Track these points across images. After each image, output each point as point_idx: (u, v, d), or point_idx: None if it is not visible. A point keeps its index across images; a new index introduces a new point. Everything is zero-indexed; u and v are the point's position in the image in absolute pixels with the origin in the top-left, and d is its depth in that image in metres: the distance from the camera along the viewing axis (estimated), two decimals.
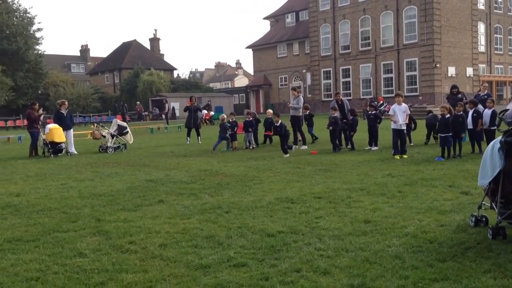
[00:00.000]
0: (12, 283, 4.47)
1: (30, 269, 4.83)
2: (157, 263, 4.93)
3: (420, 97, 39.32)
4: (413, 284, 4.16)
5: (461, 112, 12.75)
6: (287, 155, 14.00)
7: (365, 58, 43.92)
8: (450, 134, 12.18)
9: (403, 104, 13.14)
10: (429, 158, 12.44)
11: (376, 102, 36.70)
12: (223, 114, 18.60)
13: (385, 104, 35.28)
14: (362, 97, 42.95)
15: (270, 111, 19.35)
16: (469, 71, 41.70)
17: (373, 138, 15.18)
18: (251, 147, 17.07)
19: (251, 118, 17.56)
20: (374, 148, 14.95)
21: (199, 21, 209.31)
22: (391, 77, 42.27)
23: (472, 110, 13.23)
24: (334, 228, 6.04)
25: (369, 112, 16.00)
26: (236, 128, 17.33)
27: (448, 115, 12.39)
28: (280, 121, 15.66)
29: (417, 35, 40.15)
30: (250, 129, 17.21)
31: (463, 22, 40.96)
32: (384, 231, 5.83)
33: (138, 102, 51.66)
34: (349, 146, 15.29)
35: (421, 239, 5.43)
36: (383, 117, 16.83)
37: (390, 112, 13.25)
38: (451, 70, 40.30)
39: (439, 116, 12.82)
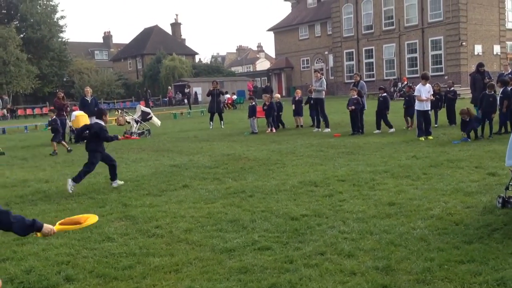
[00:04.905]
0: (44, 267, 4.61)
1: (60, 254, 4.97)
2: (183, 247, 5.02)
3: (446, 77, 38.49)
4: (438, 266, 4.14)
5: (492, 92, 12.61)
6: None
7: (388, 38, 43.13)
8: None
9: (428, 85, 12.96)
10: (455, 139, 12.24)
11: (400, 83, 36.19)
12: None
13: (409, 85, 34.72)
14: (385, 78, 42.32)
15: (278, 95, 20.43)
16: (496, 48, 40.57)
17: (381, 121, 14.96)
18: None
19: (253, 103, 17.94)
20: (391, 130, 14.75)
21: (220, 5, 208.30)
22: (416, 57, 41.45)
23: (501, 90, 12.87)
24: (358, 211, 6.03)
25: (379, 95, 15.48)
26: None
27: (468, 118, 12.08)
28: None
29: (442, 13, 39.18)
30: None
31: None
32: (409, 213, 5.79)
33: (169, 87, 51.89)
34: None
35: (446, 221, 5.39)
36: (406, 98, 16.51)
37: (416, 93, 13.05)
38: (478, 48, 39.29)
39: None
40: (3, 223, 2.98)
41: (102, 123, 8.42)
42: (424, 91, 12.73)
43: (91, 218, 3.54)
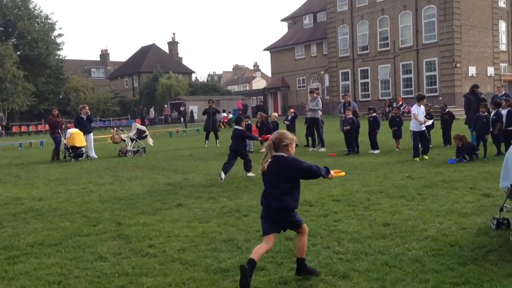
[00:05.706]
0: (35, 287, 4.54)
1: (52, 273, 4.91)
2: (177, 267, 4.97)
3: (440, 98, 38.83)
4: None
5: (485, 113, 12.68)
6: None
7: (383, 58, 43.57)
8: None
9: (422, 106, 13.03)
10: (450, 159, 12.27)
11: (395, 103, 36.43)
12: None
13: (404, 105, 34.95)
14: (380, 98, 42.60)
15: (275, 114, 20.48)
16: (490, 70, 41.03)
17: (371, 142, 15.13)
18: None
19: (248, 121, 17.95)
20: (376, 151, 14.84)
21: (217, 24, 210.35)
22: (410, 78, 41.83)
23: (494, 112, 12.90)
24: (353, 231, 6.00)
25: (369, 116, 15.58)
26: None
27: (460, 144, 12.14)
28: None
29: (436, 35, 39.67)
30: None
31: (483, 20, 40.34)
32: (403, 234, 5.78)
33: (165, 105, 52.00)
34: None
35: (441, 242, 5.37)
36: (403, 118, 16.61)
37: (413, 111, 13.03)
38: (472, 70, 39.71)
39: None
40: (315, 172, 4.41)
41: (241, 127, 11.24)
42: (420, 112, 12.77)
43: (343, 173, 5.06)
